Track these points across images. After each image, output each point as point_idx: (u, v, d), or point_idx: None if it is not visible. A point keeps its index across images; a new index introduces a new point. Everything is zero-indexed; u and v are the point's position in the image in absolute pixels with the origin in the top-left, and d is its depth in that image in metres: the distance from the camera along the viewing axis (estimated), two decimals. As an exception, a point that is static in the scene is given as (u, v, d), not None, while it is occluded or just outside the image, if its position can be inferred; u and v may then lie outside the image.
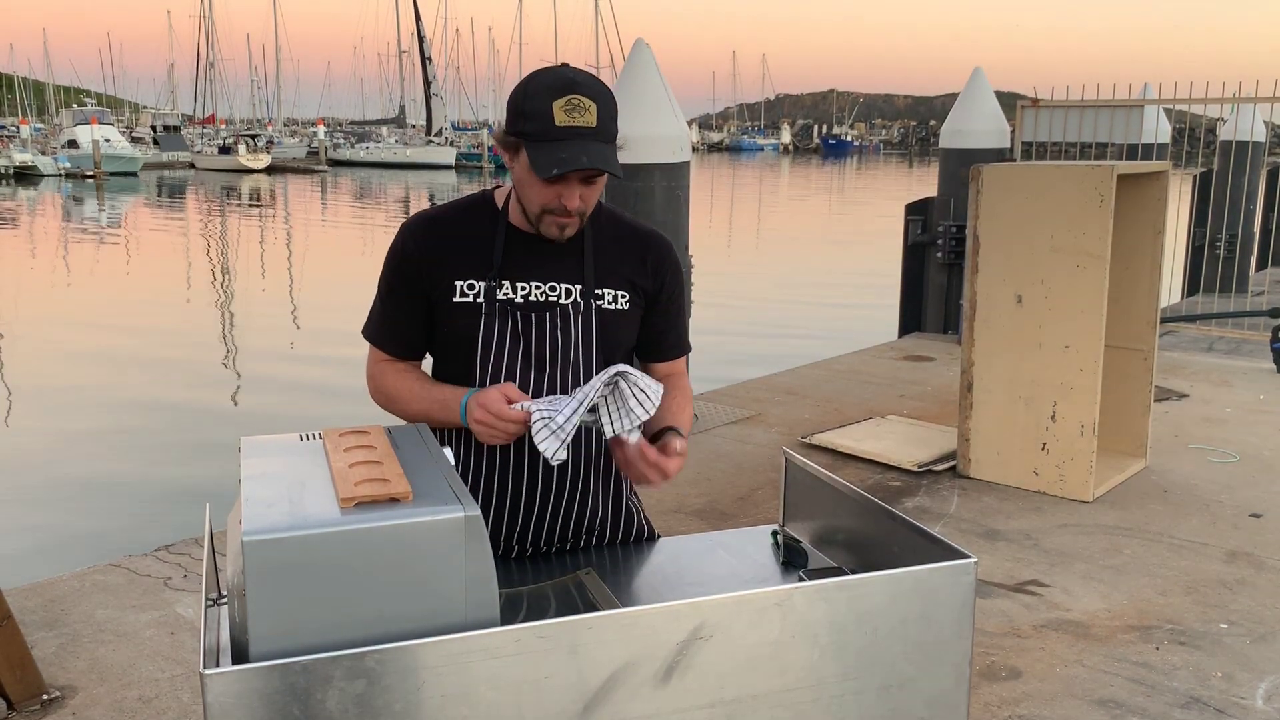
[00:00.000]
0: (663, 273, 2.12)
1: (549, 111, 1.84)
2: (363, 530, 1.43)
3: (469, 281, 2.01)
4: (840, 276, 20.06)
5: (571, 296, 2.02)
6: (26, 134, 64.35)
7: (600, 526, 2.15)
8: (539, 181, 1.88)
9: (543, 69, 1.93)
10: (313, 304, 17.10)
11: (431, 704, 1.42)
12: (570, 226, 1.96)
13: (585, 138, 1.85)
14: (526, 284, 2.02)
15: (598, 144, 1.86)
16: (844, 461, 5.60)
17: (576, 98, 1.85)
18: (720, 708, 1.58)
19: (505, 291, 2.01)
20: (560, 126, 1.84)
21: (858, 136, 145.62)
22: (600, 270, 2.05)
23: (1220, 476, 5.42)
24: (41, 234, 28.09)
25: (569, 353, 2.02)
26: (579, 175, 1.89)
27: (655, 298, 2.11)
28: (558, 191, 1.90)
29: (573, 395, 1.88)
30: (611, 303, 2.05)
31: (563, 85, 1.86)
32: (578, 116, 1.84)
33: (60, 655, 3.47)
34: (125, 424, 9.97)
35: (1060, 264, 5.00)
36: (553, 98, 1.84)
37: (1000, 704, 3.25)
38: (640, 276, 2.09)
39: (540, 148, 1.84)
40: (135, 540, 5.06)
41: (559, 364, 2.02)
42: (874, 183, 61.25)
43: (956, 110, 9.15)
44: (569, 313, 2.02)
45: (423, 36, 72.41)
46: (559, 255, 2.03)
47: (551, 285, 2.02)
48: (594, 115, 1.86)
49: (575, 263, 2.04)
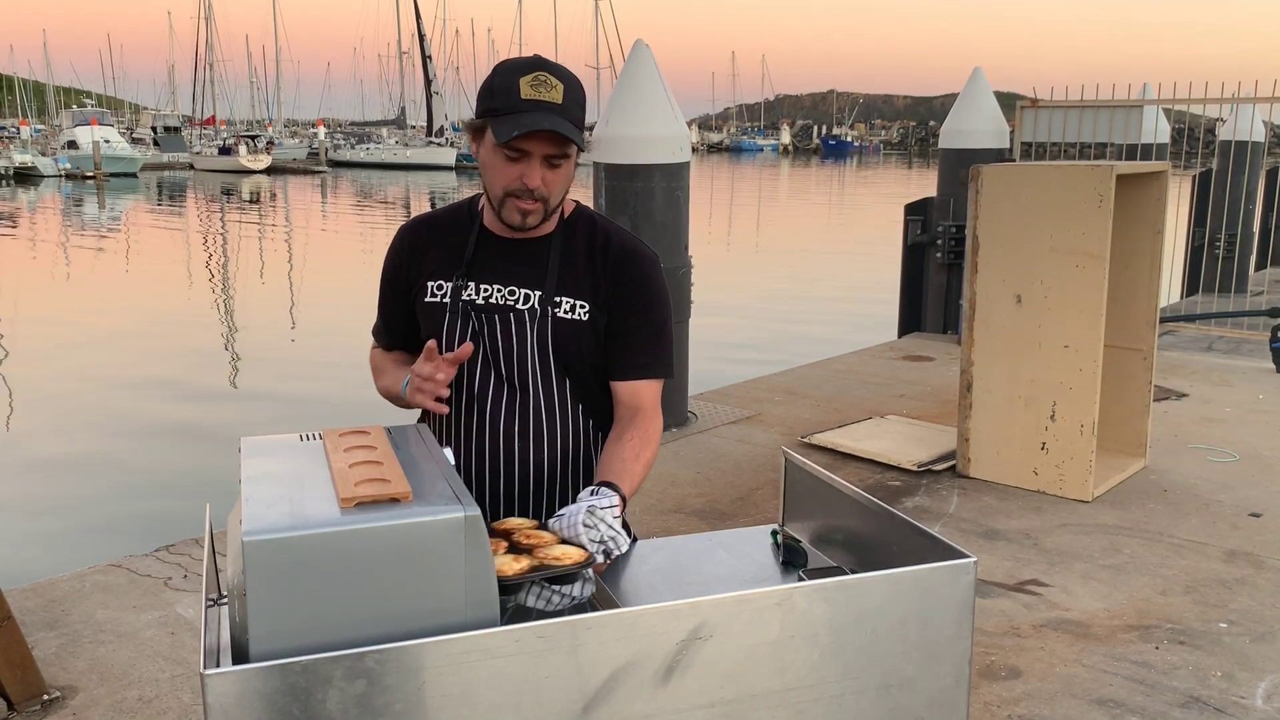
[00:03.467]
0: (628, 286, 2.03)
1: (515, 86, 1.86)
2: (363, 530, 1.43)
3: (439, 282, 2.06)
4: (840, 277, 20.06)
5: (529, 302, 2.02)
6: (26, 135, 64.38)
7: None
8: (503, 161, 1.90)
9: (513, 58, 1.95)
10: (313, 304, 17.10)
11: (431, 704, 1.42)
12: (533, 214, 1.95)
13: (550, 110, 1.86)
14: (489, 286, 2.04)
15: (562, 119, 1.87)
16: (844, 461, 5.60)
17: (543, 74, 1.88)
18: (720, 707, 1.58)
19: (469, 293, 2.03)
20: (525, 99, 1.86)
21: (857, 137, 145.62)
22: (563, 279, 2.03)
23: (1220, 476, 5.42)
24: (42, 235, 28.09)
25: (524, 357, 2.03)
26: (541, 155, 1.89)
27: (619, 312, 2.04)
28: (520, 171, 1.90)
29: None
30: (569, 312, 2.02)
31: (530, 65, 1.90)
32: (544, 92, 1.86)
33: (60, 655, 3.48)
34: (125, 424, 9.97)
35: (1060, 264, 5.00)
36: (519, 75, 1.87)
37: (1000, 704, 3.25)
38: (601, 288, 2.03)
39: (503, 119, 1.86)
40: (135, 540, 5.06)
41: (514, 368, 2.03)
42: (874, 183, 61.25)
43: (956, 110, 9.15)
44: (524, 318, 2.02)
45: (423, 35, 72.39)
46: (526, 260, 2.03)
47: (512, 289, 2.03)
48: (560, 94, 1.87)
49: (540, 269, 2.03)
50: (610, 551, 1.75)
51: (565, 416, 2.07)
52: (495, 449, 2.06)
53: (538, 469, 2.07)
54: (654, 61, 6.02)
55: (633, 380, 2.06)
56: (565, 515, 1.77)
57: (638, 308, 2.05)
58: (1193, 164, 12.39)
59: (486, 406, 2.05)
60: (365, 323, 2.27)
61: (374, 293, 2.21)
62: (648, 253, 2.09)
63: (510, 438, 2.05)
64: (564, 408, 2.06)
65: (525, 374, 2.03)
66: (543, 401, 2.05)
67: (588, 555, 1.70)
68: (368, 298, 2.19)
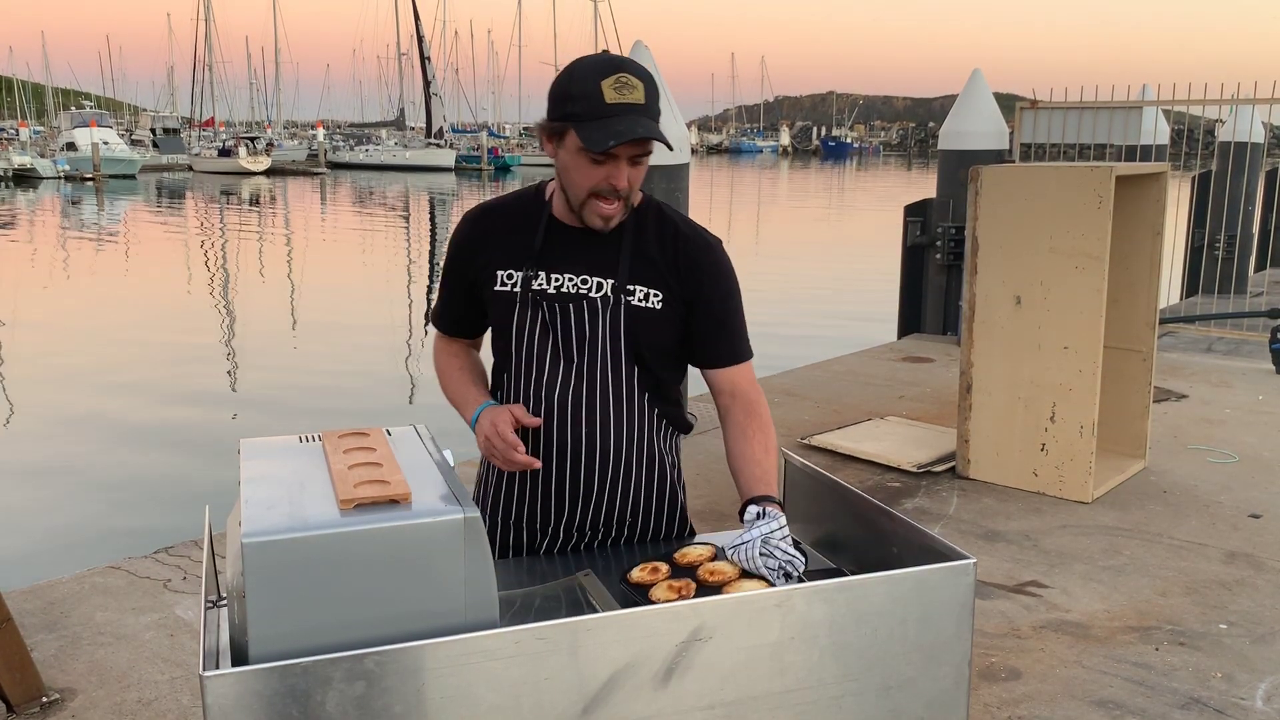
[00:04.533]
0: (700, 274, 2.05)
1: (598, 90, 1.85)
2: (362, 532, 1.43)
3: (508, 271, 2.06)
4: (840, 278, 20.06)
5: (603, 290, 2.03)
6: (25, 137, 64.38)
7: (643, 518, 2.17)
8: (587, 164, 1.91)
9: (585, 56, 1.95)
10: (313, 306, 17.09)
11: (431, 705, 1.42)
12: (615, 215, 1.97)
13: (635, 113, 1.87)
14: (560, 275, 2.04)
15: (647, 119, 1.88)
16: (843, 462, 5.60)
17: (624, 75, 1.87)
18: (720, 709, 1.58)
19: (540, 282, 2.04)
20: (610, 103, 1.85)
21: (857, 138, 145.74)
22: (635, 266, 2.03)
23: (1219, 477, 5.42)
24: (41, 236, 28.09)
25: (596, 346, 2.03)
26: (626, 155, 1.90)
27: (694, 301, 2.06)
28: (606, 171, 1.91)
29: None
30: (643, 300, 2.03)
31: (610, 65, 1.89)
32: (627, 94, 1.86)
33: (60, 657, 3.47)
34: (124, 426, 9.97)
35: (1059, 265, 5.00)
36: (600, 77, 1.87)
37: (1000, 705, 3.25)
38: (675, 276, 2.04)
39: (591, 125, 1.86)
40: (135, 542, 5.06)
41: (588, 357, 2.04)
42: (873, 185, 61.26)
43: (955, 112, 9.15)
44: (597, 306, 2.02)
45: (422, 36, 72.39)
46: (597, 249, 2.04)
47: (584, 278, 2.03)
48: (641, 93, 1.88)
49: (612, 257, 2.03)
50: (790, 575, 1.77)
51: (634, 404, 2.08)
52: (564, 438, 2.06)
53: (604, 457, 2.08)
54: (653, 63, 6.02)
55: (730, 367, 2.09)
56: (743, 547, 1.80)
57: (719, 295, 2.07)
58: (1192, 165, 12.40)
59: (555, 395, 2.05)
60: (366, 323, 2.26)
61: (374, 293, 2.21)
62: (714, 238, 2.12)
63: (578, 425, 2.05)
64: (632, 396, 2.07)
65: (596, 362, 2.04)
66: (611, 390, 2.05)
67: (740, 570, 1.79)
68: (368, 298, 2.18)
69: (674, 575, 1.85)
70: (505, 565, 2.08)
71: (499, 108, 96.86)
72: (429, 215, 37.25)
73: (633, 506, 2.14)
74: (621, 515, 2.14)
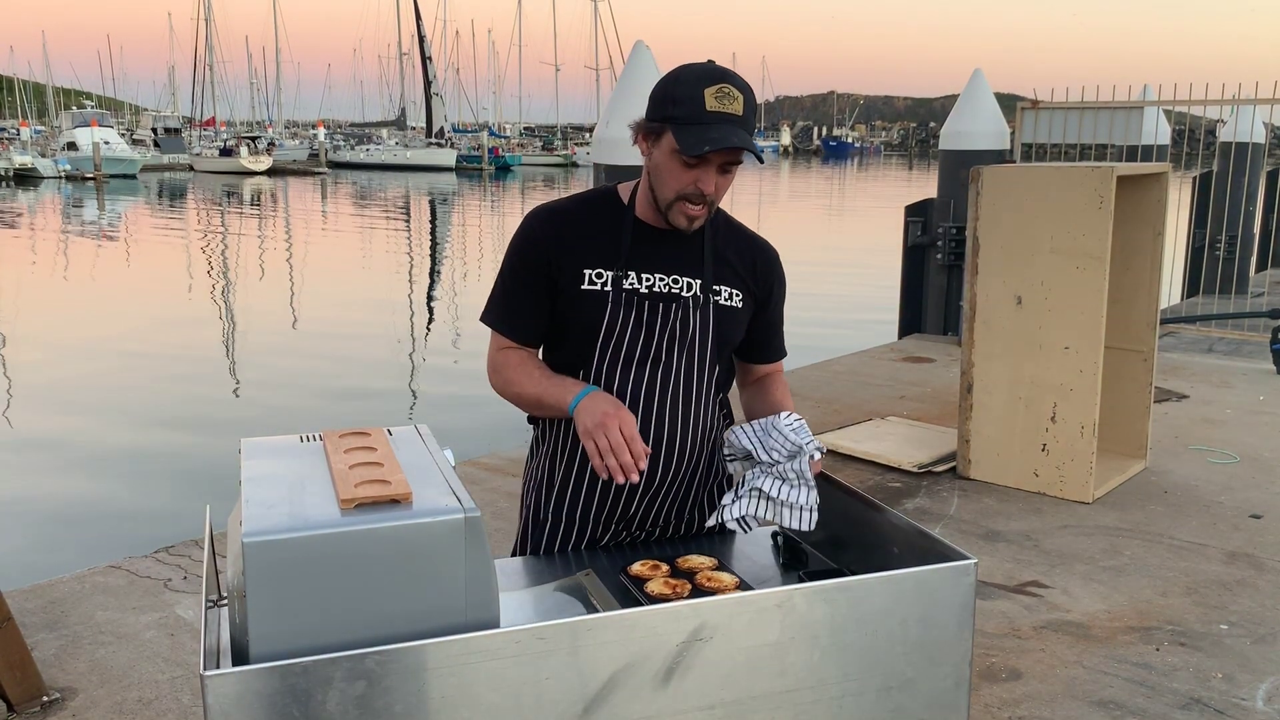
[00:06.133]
0: (771, 280, 2.19)
1: (700, 97, 1.90)
2: (363, 531, 1.43)
3: (597, 270, 2.06)
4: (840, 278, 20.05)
5: (693, 290, 2.08)
6: (26, 136, 64.34)
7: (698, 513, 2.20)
8: (679, 166, 1.95)
9: (691, 63, 1.99)
10: (314, 305, 17.10)
11: (432, 705, 1.42)
12: (700, 217, 2.01)
13: (733, 123, 1.91)
14: (650, 275, 2.07)
15: (743, 131, 1.93)
16: (844, 462, 5.60)
17: (727, 86, 1.92)
18: (720, 709, 1.58)
19: (631, 281, 2.06)
20: (710, 111, 1.90)
21: (858, 138, 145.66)
22: (718, 267, 2.11)
23: (1220, 477, 5.42)
24: (41, 236, 28.10)
25: (687, 345, 2.08)
26: (717, 162, 1.95)
27: (764, 303, 2.19)
28: (696, 176, 1.95)
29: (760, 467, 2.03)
30: (728, 299, 2.12)
31: (714, 75, 1.93)
32: (727, 104, 1.91)
33: (60, 657, 3.47)
34: (125, 425, 9.97)
35: (1060, 265, 5.00)
36: (704, 85, 1.91)
37: (1000, 705, 3.25)
38: (752, 280, 2.16)
39: (689, 130, 1.90)
40: (135, 542, 5.06)
41: (676, 355, 2.08)
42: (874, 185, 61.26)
43: (956, 112, 9.15)
44: (689, 305, 2.07)
45: (423, 36, 72.41)
46: (681, 250, 2.08)
47: (675, 278, 2.08)
48: (741, 105, 1.92)
49: (696, 258, 2.09)
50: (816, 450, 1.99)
51: (709, 402, 2.15)
52: (646, 434, 2.06)
53: (681, 453, 2.12)
54: (654, 63, 6.03)
55: (775, 363, 2.30)
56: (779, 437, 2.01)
57: (778, 299, 2.24)
58: (1193, 165, 12.40)
59: (641, 392, 2.06)
60: (366, 324, 2.25)
61: (375, 293, 2.19)
62: (772, 246, 2.25)
63: (661, 422, 2.08)
64: (709, 393, 2.15)
65: (685, 360, 2.09)
66: (695, 387, 2.11)
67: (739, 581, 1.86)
68: (369, 297, 2.17)
69: (673, 576, 1.87)
70: (511, 565, 2.08)
71: (500, 107, 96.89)
72: (430, 215, 37.25)
73: (694, 502, 2.19)
74: (682, 509, 2.18)
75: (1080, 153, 8.74)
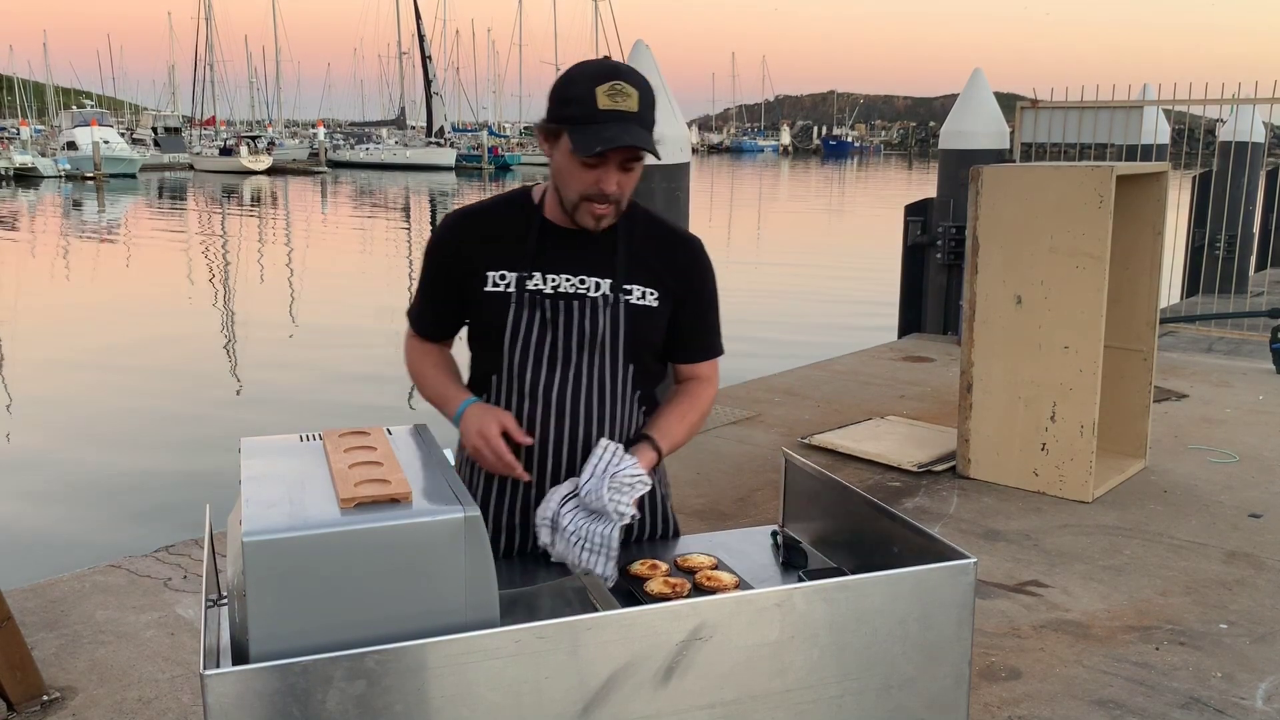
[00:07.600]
0: (691, 273, 2.13)
1: (592, 96, 1.89)
2: (363, 531, 1.43)
3: (500, 272, 2.07)
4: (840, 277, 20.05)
5: (601, 290, 2.06)
6: (26, 136, 64.27)
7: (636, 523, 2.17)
8: (579, 167, 1.93)
9: (586, 61, 1.98)
10: (314, 305, 17.09)
11: (432, 705, 1.42)
12: (606, 216, 2.00)
13: (627, 121, 1.90)
14: (557, 276, 2.06)
15: (639, 128, 1.91)
16: (844, 462, 5.60)
17: (619, 83, 1.90)
18: (720, 708, 1.58)
19: (535, 282, 2.05)
20: (603, 110, 1.88)
21: (858, 137, 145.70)
22: (631, 266, 2.08)
23: (1220, 477, 5.42)
24: (41, 236, 28.09)
25: (598, 345, 2.06)
26: (617, 161, 1.93)
27: (683, 298, 2.13)
28: (596, 176, 1.94)
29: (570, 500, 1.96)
30: (640, 298, 2.08)
31: (606, 72, 1.92)
32: (620, 101, 1.89)
33: (60, 656, 3.48)
34: (125, 425, 9.97)
35: (1060, 265, 5.00)
36: (596, 83, 1.90)
37: (1000, 704, 3.25)
38: (669, 275, 2.11)
39: (583, 130, 1.89)
40: (135, 541, 5.06)
41: (586, 355, 2.06)
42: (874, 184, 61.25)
43: (956, 111, 9.15)
44: (598, 305, 2.05)
45: (423, 36, 72.38)
46: (591, 250, 2.07)
47: (582, 278, 2.06)
48: (636, 101, 1.91)
49: (607, 257, 2.07)
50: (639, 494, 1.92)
51: (626, 403, 2.11)
52: (560, 436, 2.07)
53: None
54: (654, 62, 6.02)
55: (698, 363, 2.20)
56: (592, 487, 1.92)
57: (706, 294, 2.16)
58: (1193, 165, 12.40)
59: (551, 394, 2.06)
60: (365, 324, 2.26)
61: (373, 294, 2.20)
62: (694, 237, 2.20)
63: (575, 424, 2.07)
64: (625, 394, 2.11)
65: (594, 361, 2.07)
66: (607, 388, 2.08)
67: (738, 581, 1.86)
68: (369, 297, 2.18)
69: (673, 575, 1.88)
70: (505, 565, 2.08)
71: (499, 107, 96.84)
72: (429, 214, 37.25)
73: None
74: None
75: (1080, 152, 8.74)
